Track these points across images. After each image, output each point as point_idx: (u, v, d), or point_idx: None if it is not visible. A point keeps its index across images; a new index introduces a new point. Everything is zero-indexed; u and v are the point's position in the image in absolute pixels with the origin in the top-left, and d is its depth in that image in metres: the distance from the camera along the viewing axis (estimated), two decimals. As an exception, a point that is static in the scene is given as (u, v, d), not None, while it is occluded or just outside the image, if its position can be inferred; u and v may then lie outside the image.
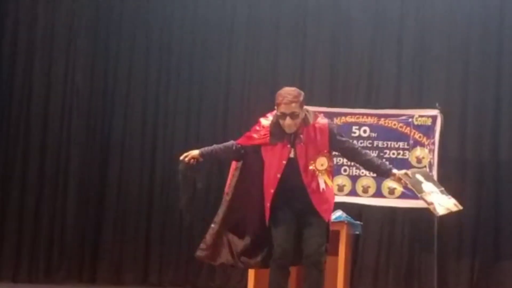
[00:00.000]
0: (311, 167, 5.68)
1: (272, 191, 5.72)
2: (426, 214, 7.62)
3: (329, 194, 5.83)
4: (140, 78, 11.06)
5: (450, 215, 6.50)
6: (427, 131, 8.93)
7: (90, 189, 10.91)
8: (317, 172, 5.67)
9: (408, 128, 8.97)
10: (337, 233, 6.75)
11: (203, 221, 7.05)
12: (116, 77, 11.09)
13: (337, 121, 9.18)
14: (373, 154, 8.81)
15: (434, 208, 5.91)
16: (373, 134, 9.13)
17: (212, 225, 6.16)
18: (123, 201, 10.90)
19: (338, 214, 6.83)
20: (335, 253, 6.76)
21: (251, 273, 6.88)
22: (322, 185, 5.71)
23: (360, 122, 9.16)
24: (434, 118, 8.96)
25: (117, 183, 10.93)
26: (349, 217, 6.95)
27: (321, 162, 5.71)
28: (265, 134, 5.91)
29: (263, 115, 6.28)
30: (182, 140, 10.86)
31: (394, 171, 5.88)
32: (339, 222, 6.77)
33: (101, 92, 11.07)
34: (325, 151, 5.75)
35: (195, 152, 6.14)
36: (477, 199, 9.92)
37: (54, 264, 10.62)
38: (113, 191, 10.92)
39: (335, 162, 9.06)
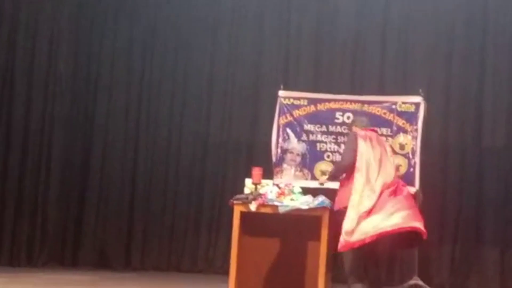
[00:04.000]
0: None
1: None
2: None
3: None
4: (124, 65, 11.04)
5: None
6: (410, 117, 8.94)
7: (73, 173, 10.89)
8: None
9: (392, 115, 8.96)
10: (319, 219, 6.78)
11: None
12: (99, 63, 11.06)
13: (320, 107, 9.20)
14: None
15: None
16: (358, 121, 9.12)
17: None
18: (106, 186, 10.89)
19: (320, 199, 6.86)
20: (317, 238, 6.79)
21: (233, 257, 6.90)
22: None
23: (344, 108, 9.15)
24: (417, 105, 8.95)
25: (100, 168, 10.92)
26: (332, 202, 6.97)
27: None
28: None
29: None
30: (166, 126, 10.88)
31: None
32: (322, 207, 6.79)
33: (84, 78, 11.04)
34: None
35: None
36: (460, 186, 9.97)
37: (36, 248, 10.59)
38: (96, 175, 10.91)
39: (318, 148, 9.23)
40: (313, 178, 9.12)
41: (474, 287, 9.65)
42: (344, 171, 7.08)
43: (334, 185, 8.81)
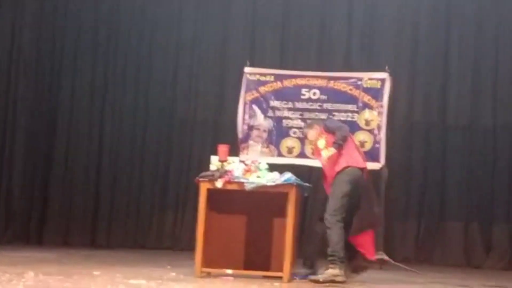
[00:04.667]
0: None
1: None
2: (374, 176, 7.71)
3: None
4: (89, 44, 10.92)
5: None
6: (376, 94, 8.97)
7: (37, 151, 10.79)
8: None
9: (358, 91, 8.99)
10: (285, 195, 6.78)
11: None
12: (64, 39, 10.93)
13: (287, 83, 9.19)
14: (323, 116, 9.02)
15: None
16: (323, 97, 9.14)
17: None
18: (71, 165, 10.83)
19: (287, 176, 6.85)
20: (284, 214, 6.80)
21: (199, 234, 6.89)
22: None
23: (310, 85, 9.16)
24: (383, 81, 8.98)
25: (65, 147, 10.85)
26: (298, 179, 6.98)
27: (320, 143, 7.12)
28: None
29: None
30: (131, 105, 10.81)
31: None
32: (288, 184, 6.80)
33: (48, 54, 10.90)
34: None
35: None
36: (424, 161, 10.08)
37: (1, 226, 10.50)
38: (61, 154, 10.84)
39: (285, 124, 9.22)
40: (280, 154, 9.15)
41: (438, 260, 9.79)
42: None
43: (302, 161, 8.89)
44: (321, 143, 7.08)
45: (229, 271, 6.95)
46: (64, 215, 10.73)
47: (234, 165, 7.03)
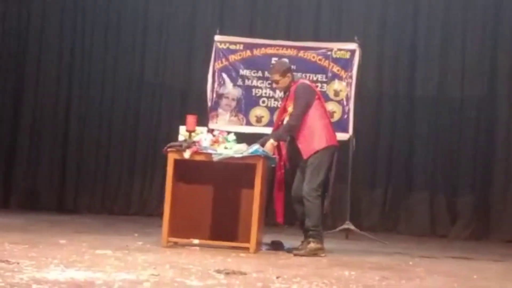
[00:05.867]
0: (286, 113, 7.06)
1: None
2: (341, 145, 7.73)
3: (301, 133, 6.96)
4: (57, 6, 10.79)
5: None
6: (345, 64, 8.98)
7: (4, 116, 10.69)
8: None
9: (327, 61, 8.99)
10: (253, 167, 6.79)
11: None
12: (30, 5, 10.81)
13: (256, 52, 9.17)
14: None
15: None
16: (292, 67, 9.09)
17: None
18: (38, 128, 10.76)
19: (254, 148, 6.85)
20: (251, 185, 6.82)
21: (167, 204, 6.90)
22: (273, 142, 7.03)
23: (280, 54, 9.14)
24: (352, 51, 8.99)
25: (32, 109, 10.77)
26: (266, 151, 6.98)
27: (290, 109, 7.05)
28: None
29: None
30: (99, 71, 10.72)
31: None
32: (255, 156, 6.80)
33: (15, 20, 10.77)
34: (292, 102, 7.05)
35: None
36: (392, 132, 10.15)
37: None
38: (27, 117, 10.76)
39: (254, 93, 9.23)
40: (248, 123, 9.17)
41: (404, 230, 9.91)
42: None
43: (271, 131, 8.89)
44: (290, 109, 7.06)
45: (196, 241, 6.98)
46: (31, 179, 10.67)
47: (202, 136, 7.02)
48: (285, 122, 7.08)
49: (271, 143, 7.03)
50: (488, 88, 9.92)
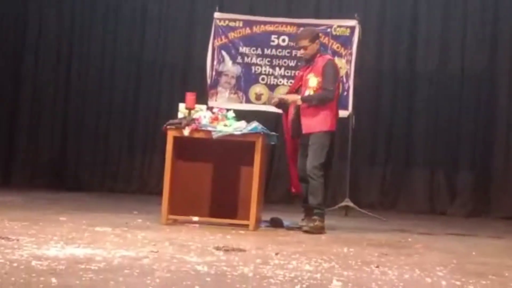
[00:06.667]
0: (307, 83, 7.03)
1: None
2: (341, 122, 7.74)
3: (316, 109, 6.95)
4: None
5: None
6: (345, 41, 8.97)
7: (3, 98, 10.66)
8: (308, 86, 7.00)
9: (327, 38, 8.97)
10: (252, 144, 6.79)
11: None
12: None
13: (256, 29, 9.15)
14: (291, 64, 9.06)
15: None
16: (292, 44, 9.10)
17: None
18: (38, 106, 10.74)
19: (253, 125, 6.84)
20: (250, 163, 6.83)
21: (166, 182, 6.91)
22: (298, 102, 7.01)
23: (280, 31, 9.13)
24: (352, 28, 8.98)
25: (31, 88, 10.75)
26: (265, 128, 6.99)
27: (312, 81, 6.99)
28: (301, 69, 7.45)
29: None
30: (99, 48, 10.68)
31: None
32: (255, 133, 6.80)
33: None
34: (319, 76, 6.98)
35: None
36: (392, 109, 10.14)
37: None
38: (27, 96, 10.74)
39: (253, 71, 9.22)
40: (248, 100, 9.17)
41: (403, 207, 9.93)
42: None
43: (270, 108, 8.90)
44: (312, 81, 7.01)
45: (196, 218, 7.01)
46: (31, 158, 10.67)
47: (202, 113, 7.02)
48: (307, 93, 6.99)
49: (296, 99, 7.02)
50: (488, 63, 9.90)
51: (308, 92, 6.99)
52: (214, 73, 9.16)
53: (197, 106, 7.08)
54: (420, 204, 9.91)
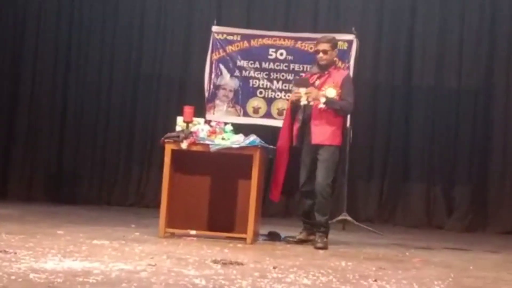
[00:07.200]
0: (321, 92, 6.84)
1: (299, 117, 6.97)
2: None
3: (330, 120, 6.85)
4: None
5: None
6: (342, 55, 8.98)
7: (0, 102, 10.65)
8: (323, 93, 6.83)
9: (325, 52, 8.97)
10: (250, 158, 6.79)
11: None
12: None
13: (254, 43, 9.19)
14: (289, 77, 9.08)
15: None
16: (290, 57, 9.16)
17: None
18: (35, 118, 10.72)
19: (251, 139, 6.85)
20: (248, 176, 6.84)
21: (164, 195, 6.91)
22: (321, 105, 6.81)
23: (277, 45, 9.17)
24: (350, 42, 9.00)
25: (29, 99, 10.73)
26: (263, 141, 7.00)
27: (330, 91, 6.86)
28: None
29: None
30: (97, 60, 10.69)
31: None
32: (253, 146, 6.81)
33: (12, 4, 10.74)
34: (338, 87, 6.89)
35: None
36: (388, 123, 10.15)
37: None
38: (24, 107, 10.73)
39: (251, 84, 9.24)
40: (246, 114, 9.19)
41: (400, 221, 9.92)
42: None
43: (268, 122, 8.92)
44: (331, 92, 6.87)
45: (193, 232, 6.99)
46: (28, 170, 10.65)
47: (199, 127, 7.03)
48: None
49: (321, 95, 6.83)
50: (485, 79, 9.92)
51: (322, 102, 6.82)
52: (212, 86, 9.18)
53: (195, 120, 7.09)
54: (417, 218, 9.90)
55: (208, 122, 7.37)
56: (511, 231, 9.48)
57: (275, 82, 9.18)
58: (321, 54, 7.01)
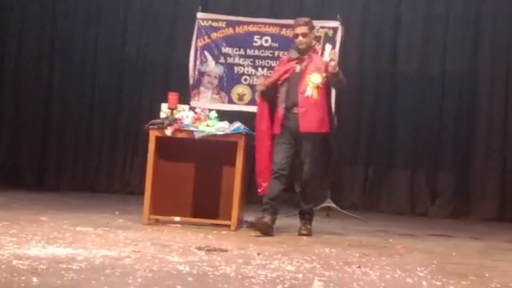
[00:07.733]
0: (306, 79, 6.70)
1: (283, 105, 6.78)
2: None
3: (317, 108, 6.72)
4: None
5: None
6: (327, 42, 8.97)
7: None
8: (308, 82, 6.68)
9: (309, 39, 8.97)
10: (234, 145, 6.79)
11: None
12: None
13: (239, 30, 9.17)
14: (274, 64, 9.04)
15: None
16: (275, 44, 9.15)
17: None
18: (19, 104, 10.67)
19: (236, 125, 6.84)
20: (232, 163, 6.83)
21: (148, 181, 6.91)
22: (308, 93, 6.67)
23: (262, 32, 9.15)
24: (335, 29, 8.99)
25: (13, 85, 10.69)
26: (248, 128, 6.99)
27: (316, 77, 6.70)
28: (281, 61, 7.18)
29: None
30: (81, 46, 10.64)
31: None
32: (237, 133, 6.80)
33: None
34: (322, 72, 6.71)
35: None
36: (374, 110, 10.17)
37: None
38: (9, 92, 10.68)
39: (236, 71, 9.22)
40: (230, 101, 9.18)
41: (384, 208, 9.96)
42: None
43: (252, 109, 8.88)
44: (316, 77, 6.68)
45: (177, 219, 6.99)
46: (12, 156, 10.61)
47: (184, 113, 7.02)
48: (308, 91, 6.64)
49: (337, 68, 6.69)
50: (469, 66, 9.95)
51: (310, 90, 6.65)
52: (196, 73, 9.16)
53: (180, 106, 7.08)
54: (401, 205, 9.95)
55: (192, 108, 7.35)
56: (494, 218, 9.54)
57: (260, 69, 9.17)
58: (300, 38, 6.82)
